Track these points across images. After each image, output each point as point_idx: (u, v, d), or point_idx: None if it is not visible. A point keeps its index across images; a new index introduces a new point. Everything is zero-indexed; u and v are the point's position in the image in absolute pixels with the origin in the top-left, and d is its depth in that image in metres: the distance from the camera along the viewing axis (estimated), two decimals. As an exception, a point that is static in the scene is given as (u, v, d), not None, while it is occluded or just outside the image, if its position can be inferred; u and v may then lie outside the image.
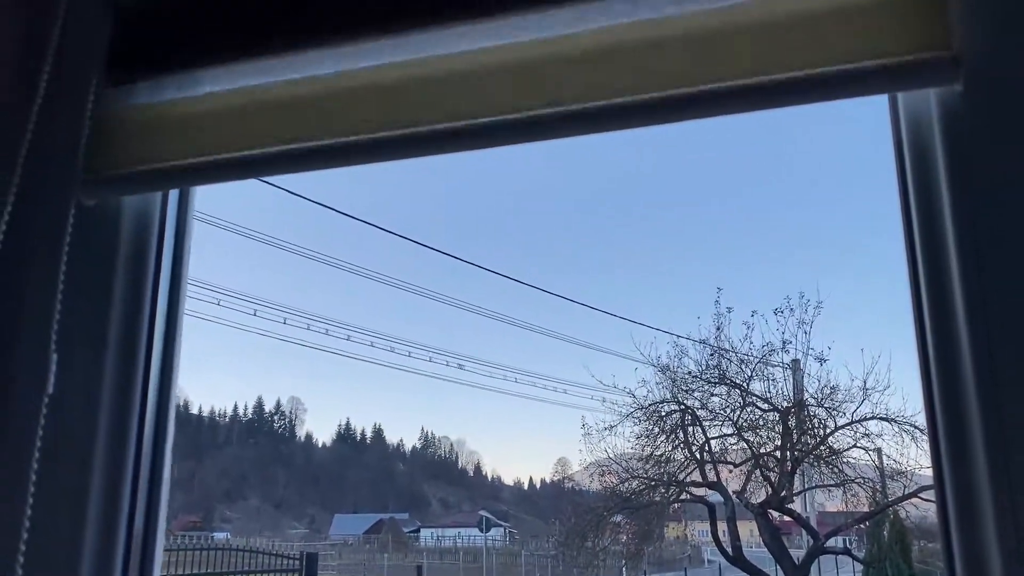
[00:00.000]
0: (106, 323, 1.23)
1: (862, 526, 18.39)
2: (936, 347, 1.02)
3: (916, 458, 13.51)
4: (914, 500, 13.96)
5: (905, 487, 13.57)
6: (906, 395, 16.86)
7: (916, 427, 13.07)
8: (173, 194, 1.35)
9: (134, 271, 1.27)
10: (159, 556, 1.22)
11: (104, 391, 1.20)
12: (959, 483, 0.97)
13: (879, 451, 14.02)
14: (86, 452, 1.17)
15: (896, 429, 13.30)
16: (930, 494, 13.93)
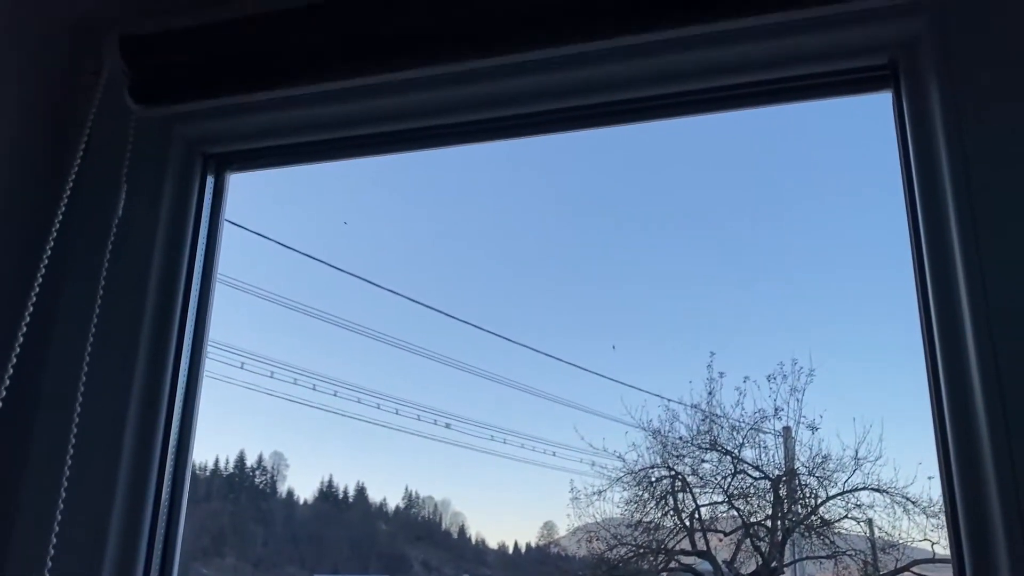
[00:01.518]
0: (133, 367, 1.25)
1: (852, 598, 18.10)
2: (949, 395, 1.02)
3: (908, 531, 13.39)
4: (905, 574, 13.74)
5: (897, 560, 13.36)
6: (898, 466, 16.74)
7: (908, 499, 12.97)
8: (208, 187, 1.39)
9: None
10: None
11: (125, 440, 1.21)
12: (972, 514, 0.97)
13: (870, 522, 13.89)
14: (104, 501, 1.18)
15: (888, 500, 13.20)
16: (922, 568, 13.75)
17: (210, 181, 1.36)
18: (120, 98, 1.28)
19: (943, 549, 12.91)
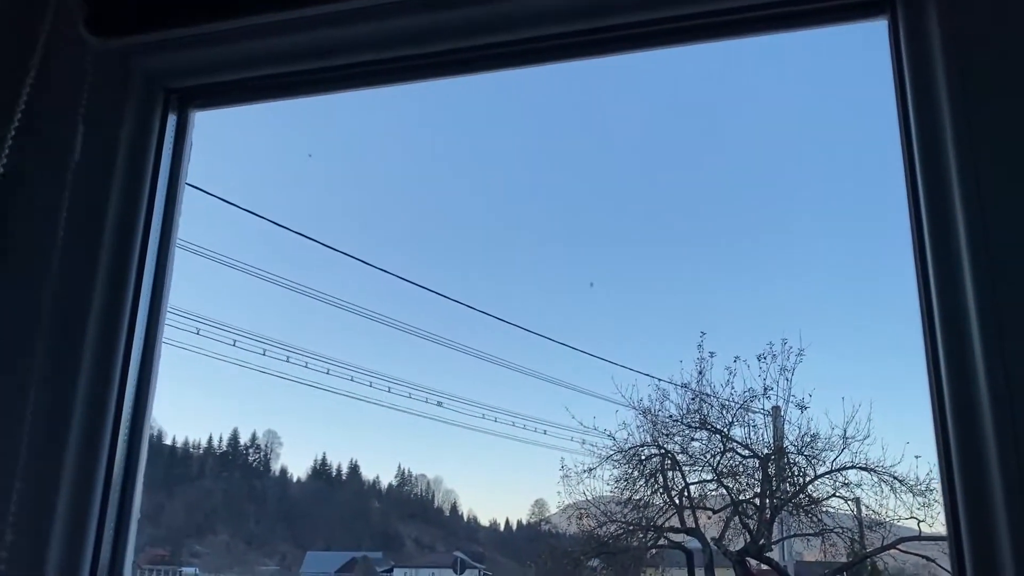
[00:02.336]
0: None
1: (840, 576, 18.32)
2: (950, 380, 0.97)
3: (895, 509, 13.48)
4: (892, 551, 13.90)
5: (884, 538, 13.51)
6: (886, 445, 16.91)
7: (895, 477, 13.08)
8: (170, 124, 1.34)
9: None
10: None
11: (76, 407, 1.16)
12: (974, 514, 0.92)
13: (858, 501, 14.00)
14: (53, 466, 1.13)
15: (875, 479, 13.30)
16: (908, 545, 13.90)
17: (172, 119, 1.31)
18: (75, 30, 1.23)
19: (929, 527, 13.02)
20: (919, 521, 12.94)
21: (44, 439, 1.13)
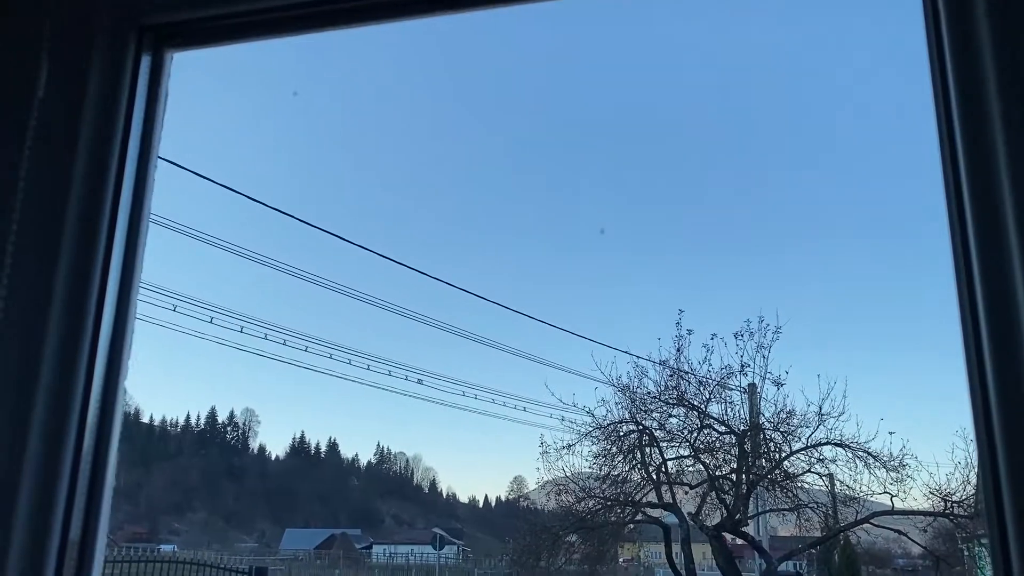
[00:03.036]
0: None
1: (813, 551, 18.58)
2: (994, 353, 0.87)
3: (868, 484, 13.69)
4: (865, 526, 14.13)
5: (857, 512, 13.74)
6: (860, 422, 17.18)
7: (870, 453, 13.28)
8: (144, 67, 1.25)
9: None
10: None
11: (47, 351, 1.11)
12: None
13: (831, 476, 14.19)
14: (17, 441, 1.08)
15: (850, 455, 13.49)
16: (881, 520, 14.13)
17: (146, 60, 1.23)
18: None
19: (902, 502, 13.23)
20: (892, 496, 13.18)
21: (8, 411, 1.07)
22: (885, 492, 13.21)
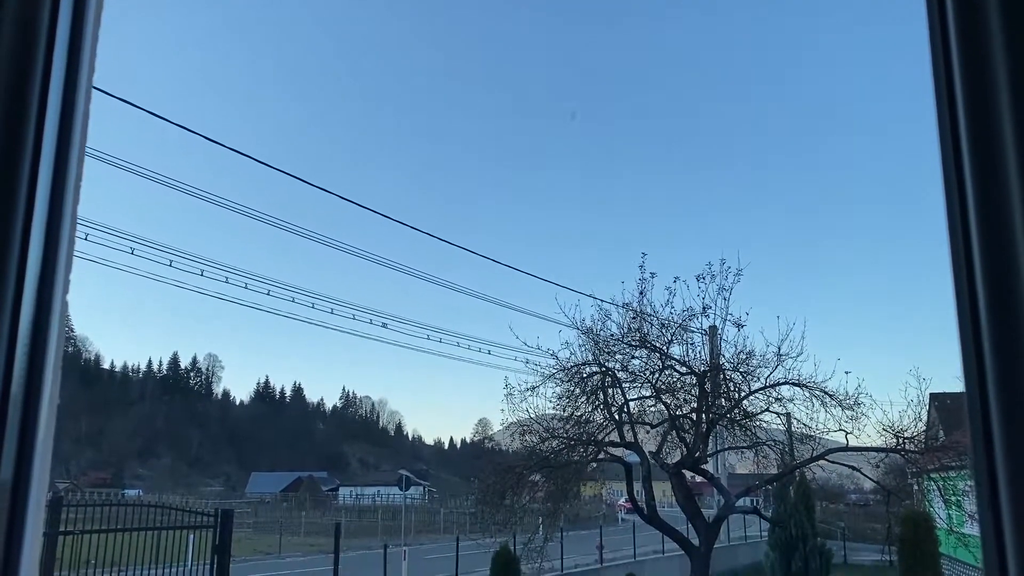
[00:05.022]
0: None
1: (770, 487, 19.16)
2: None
3: (824, 422, 14.06)
4: (820, 462, 14.55)
5: (813, 449, 14.12)
6: (818, 362, 17.66)
7: (826, 392, 13.59)
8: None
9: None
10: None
11: None
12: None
13: (789, 415, 14.53)
14: None
15: (807, 394, 13.80)
16: (835, 456, 14.58)
17: None
18: None
19: (856, 439, 13.60)
20: (847, 433, 13.55)
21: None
22: (840, 430, 13.58)
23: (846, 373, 17.93)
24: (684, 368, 14.55)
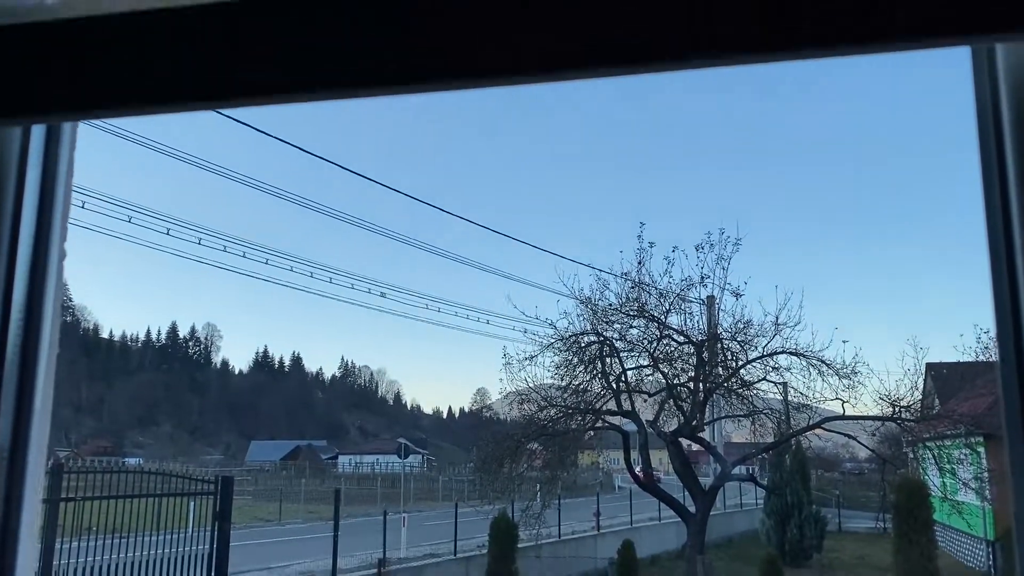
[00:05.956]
0: None
1: (766, 456, 19.30)
2: None
3: (821, 391, 14.13)
4: (816, 431, 14.66)
5: (810, 418, 14.20)
6: (815, 331, 17.68)
7: (823, 361, 13.65)
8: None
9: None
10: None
11: None
12: None
13: (786, 384, 14.60)
14: None
15: (804, 363, 13.86)
16: (832, 425, 14.68)
17: None
18: None
19: (852, 408, 13.68)
20: (843, 402, 13.63)
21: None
22: (837, 398, 13.66)
23: (844, 342, 18.00)
24: (682, 337, 14.60)
